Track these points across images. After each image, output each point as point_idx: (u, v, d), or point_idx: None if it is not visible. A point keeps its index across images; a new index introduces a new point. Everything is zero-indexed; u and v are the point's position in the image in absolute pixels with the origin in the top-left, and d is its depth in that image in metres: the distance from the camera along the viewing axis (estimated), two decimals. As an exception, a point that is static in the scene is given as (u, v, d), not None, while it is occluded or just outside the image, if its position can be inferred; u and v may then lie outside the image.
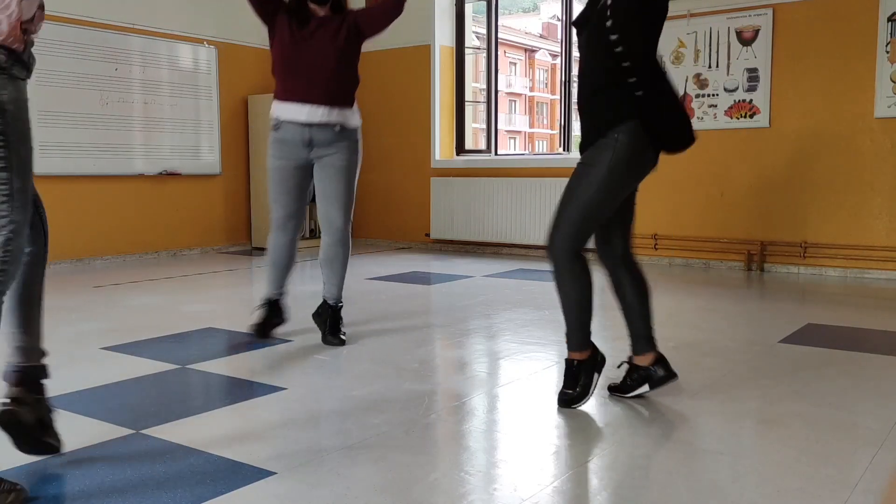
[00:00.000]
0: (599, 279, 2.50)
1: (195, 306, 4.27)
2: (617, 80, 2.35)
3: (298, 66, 3.19)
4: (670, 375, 2.52)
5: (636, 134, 2.33)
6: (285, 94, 3.23)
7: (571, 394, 2.47)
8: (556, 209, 2.42)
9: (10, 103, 1.72)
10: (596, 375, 2.49)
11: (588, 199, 2.35)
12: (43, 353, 2.00)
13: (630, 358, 2.56)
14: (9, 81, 1.73)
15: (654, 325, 2.56)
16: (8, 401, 1.91)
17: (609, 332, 3.41)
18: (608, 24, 2.32)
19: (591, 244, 2.48)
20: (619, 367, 2.61)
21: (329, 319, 3.38)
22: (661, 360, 2.53)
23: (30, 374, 1.96)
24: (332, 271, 3.38)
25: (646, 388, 2.53)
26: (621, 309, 2.56)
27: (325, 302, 3.43)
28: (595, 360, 2.50)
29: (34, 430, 1.96)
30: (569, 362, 2.48)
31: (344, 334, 3.38)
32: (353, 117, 3.33)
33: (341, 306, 3.43)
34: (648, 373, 2.52)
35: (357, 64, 3.34)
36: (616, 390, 2.57)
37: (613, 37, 2.32)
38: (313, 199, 3.43)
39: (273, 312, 3.48)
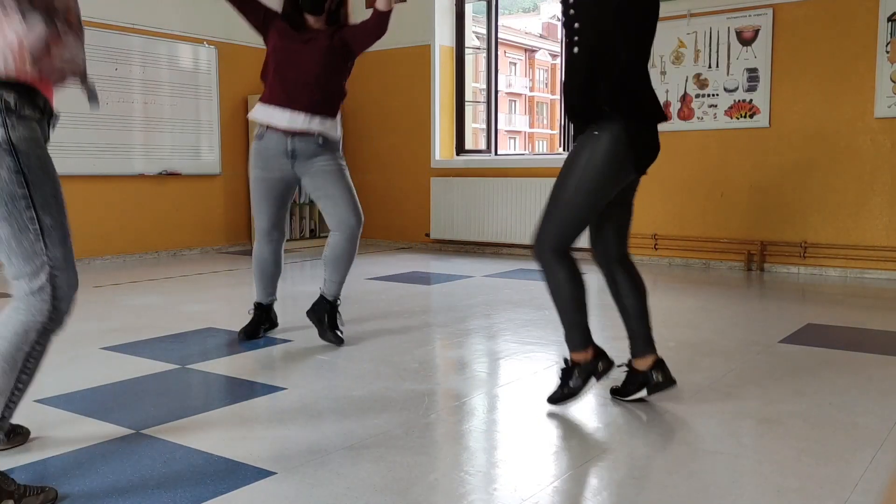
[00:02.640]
0: (596, 280, 2.50)
1: (195, 306, 4.27)
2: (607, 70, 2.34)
3: (286, 73, 3.20)
4: (668, 382, 2.49)
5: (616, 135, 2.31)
6: (270, 98, 3.24)
7: (556, 392, 2.48)
8: (544, 208, 2.41)
9: (22, 142, 1.70)
10: (593, 379, 2.47)
11: (569, 199, 2.33)
12: None
13: (630, 361, 2.55)
14: (18, 122, 1.69)
15: (653, 327, 2.55)
16: None
17: (609, 332, 3.41)
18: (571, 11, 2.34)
19: (585, 244, 2.47)
20: (619, 367, 2.61)
21: (327, 315, 3.37)
22: (659, 365, 2.51)
23: None
24: (335, 269, 3.36)
25: (644, 392, 2.51)
26: (619, 310, 2.55)
27: (322, 298, 3.39)
28: (595, 364, 2.47)
29: None
30: (564, 361, 2.49)
31: (342, 332, 3.39)
32: (335, 129, 3.30)
33: (339, 303, 3.43)
34: (647, 377, 2.50)
35: (345, 77, 3.33)
36: (617, 393, 2.57)
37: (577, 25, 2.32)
38: (311, 201, 3.43)
39: (264, 317, 3.52)
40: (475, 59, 7.92)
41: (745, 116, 5.66)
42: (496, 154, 7.25)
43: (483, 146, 7.37)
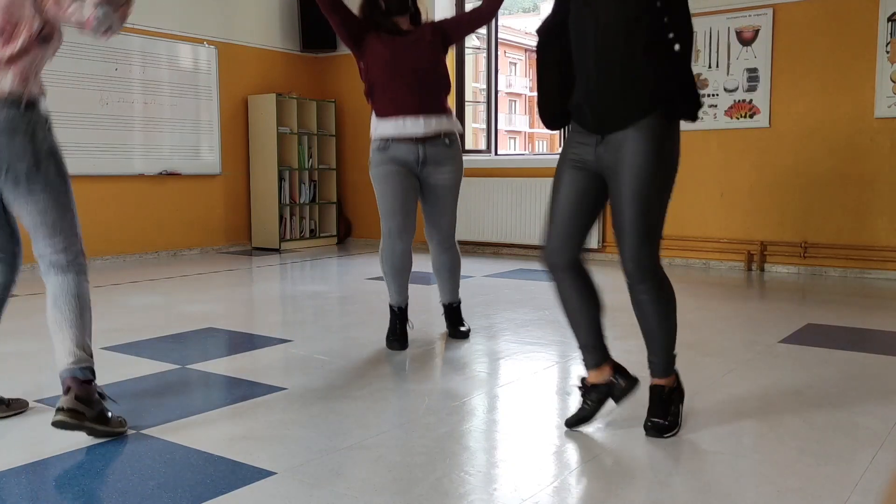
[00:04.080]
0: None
1: (195, 306, 4.27)
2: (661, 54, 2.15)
3: (405, 78, 3.11)
4: (632, 383, 2.27)
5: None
6: (394, 109, 3.13)
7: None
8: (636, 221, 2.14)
9: (57, 147, 2.24)
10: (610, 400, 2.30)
11: (661, 206, 2.16)
12: None
13: (582, 380, 2.32)
14: (51, 131, 2.22)
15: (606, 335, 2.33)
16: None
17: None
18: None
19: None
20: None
21: (452, 316, 3.51)
22: (619, 369, 2.29)
23: None
24: (444, 278, 3.44)
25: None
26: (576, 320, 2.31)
27: (448, 305, 3.51)
28: (612, 386, 2.28)
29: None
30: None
31: (464, 325, 3.54)
32: (457, 124, 3.29)
33: (460, 302, 3.53)
34: (610, 388, 2.27)
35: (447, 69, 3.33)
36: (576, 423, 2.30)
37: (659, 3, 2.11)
38: (311, 201, 3.40)
39: (405, 321, 3.37)
40: (475, 59, 7.93)
41: (745, 116, 5.66)
42: (496, 154, 7.25)
43: (483, 146, 7.37)
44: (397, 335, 3.31)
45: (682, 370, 2.73)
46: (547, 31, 2.27)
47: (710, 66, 5.77)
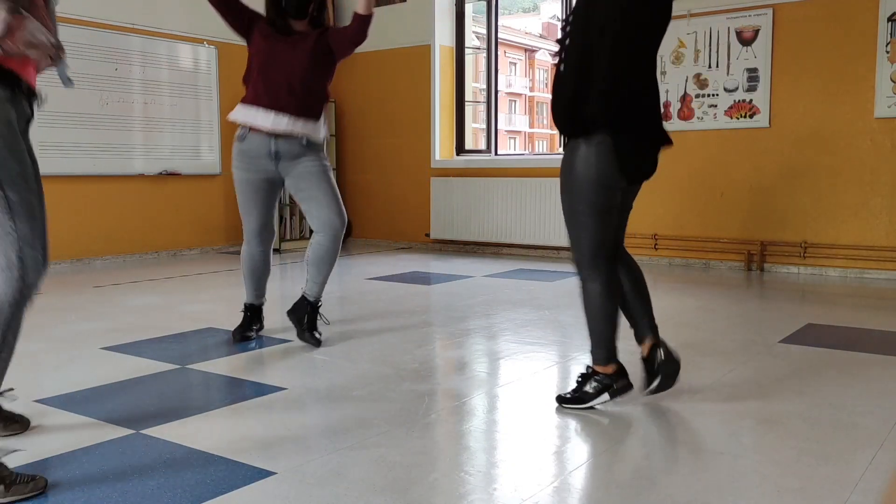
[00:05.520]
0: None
1: (195, 306, 4.27)
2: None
3: (270, 75, 3.19)
4: (670, 364, 2.49)
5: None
6: (253, 99, 3.22)
7: (567, 393, 2.49)
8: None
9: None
10: (606, 395, 2.44)
11: (582, 214, 2.46)
12: None
13: (588, 367, 2.50)
14: None
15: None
16: None
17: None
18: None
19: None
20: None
21: (308, 316, 3.36)
22: (659, 346, 2.51)
23: None
24: (318, 270, 3.33)
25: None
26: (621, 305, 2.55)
27: (303, 298, 3.38)
28: (613, 381, 2.45)
29: None
30: (587, 367, 2.49)
31: (320, 334, 3.38)
32: (319, 131, 3.28)
33: (321, 305, 3.42)
34: (653, 357, 2.48)
35: (328, 81, 3.32)
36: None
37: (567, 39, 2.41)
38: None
39: (255, 318, 3.52)
40: (475, 59, 7.92)
41: (745, 116, 5.66)
42: (496, 154, 7.25)
43: (483, 146, 7.37)
44: (240, 329, 3.46)
45: (682, 370, 2.73)
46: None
47: (710, 66, 5.77)
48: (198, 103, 6.81)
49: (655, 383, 2.49)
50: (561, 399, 2.49)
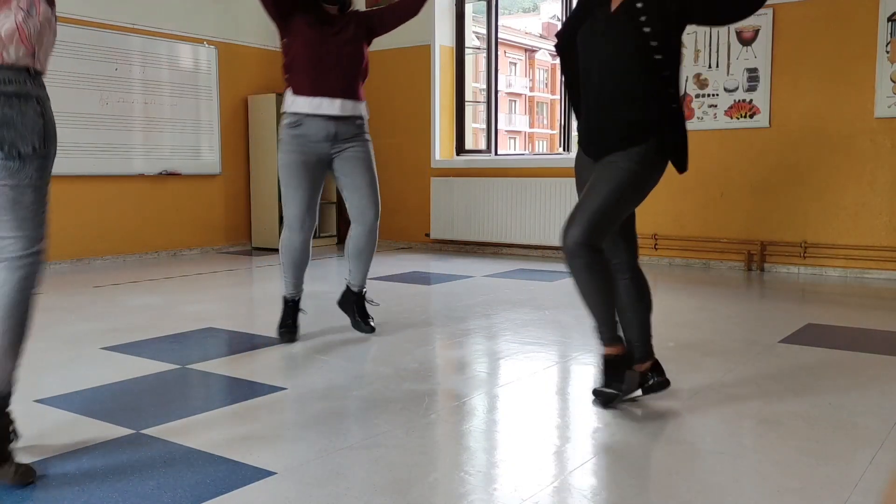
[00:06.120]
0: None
1: (195, 306, 4.27)
2: (655, 88, 2.34)
3: (324, 61, 3.25)
4: (664, 382, 2.53)
5: (662, 147, 2.36)
6: (313, 90, 3.25)
7: (607, 392, 2.45)
8: (575, 207, 2.38)
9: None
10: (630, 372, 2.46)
11: (609, 197, 2.32)
12: None
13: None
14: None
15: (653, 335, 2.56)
16: None
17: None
18: (645, 29, 2.29)
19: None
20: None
21: (356, 306, 3.52)
22: (657, 367, 2.54)
23: None
24: (360, 261, 3.47)
25: (639, 392, 2.51)
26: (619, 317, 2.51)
27: (349, 289, 3.53)
28: (631, 356, 2.48)
29: None
30: (607, 358, 2.44)
31: (373, 320, 3.55)
32: (366, 110, 3.43)
33: (366, 291, 3.55)
34: (644, 378, 2.52)
35: (366, 60, 3.44)
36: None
37: (654, 43, 2.29)
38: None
39: (296, 312, 3.49)
40: (475, 59, 7.92)
41: (745, 116, 5.66)
42: (496, 154, 7.25)
43: (483, 146, 7.37)
44: (288, 328, 3.43)
45: (683, 370, 2.74)
46: (562, 48, 2.58)
47: (710, 66, 5.77)
48: (198, 103, 6.81)
49: (632, 395, 2.52)
50: (602, 396, 2.46)
